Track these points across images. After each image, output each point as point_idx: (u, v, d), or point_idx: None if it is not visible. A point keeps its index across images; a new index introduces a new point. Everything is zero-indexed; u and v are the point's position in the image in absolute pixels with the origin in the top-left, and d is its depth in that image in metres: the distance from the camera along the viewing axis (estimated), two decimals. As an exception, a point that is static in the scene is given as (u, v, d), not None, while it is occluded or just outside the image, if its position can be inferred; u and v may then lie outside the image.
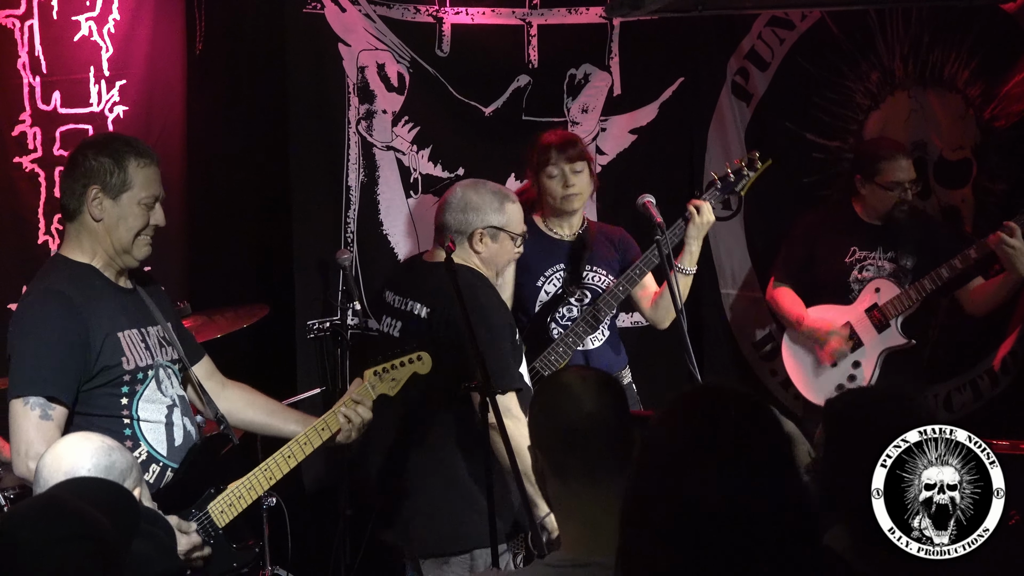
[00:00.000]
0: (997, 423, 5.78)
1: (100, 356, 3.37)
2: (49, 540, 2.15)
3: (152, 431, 3.47)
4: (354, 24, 5.27)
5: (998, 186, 6.18)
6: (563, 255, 4.71)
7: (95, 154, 3.43)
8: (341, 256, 5.10)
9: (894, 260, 5.24)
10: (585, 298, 4.70)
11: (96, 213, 3.41)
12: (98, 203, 3.41)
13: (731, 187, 4.77)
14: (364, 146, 5.33)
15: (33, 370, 3.30)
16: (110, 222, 3.42)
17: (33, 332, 3.34)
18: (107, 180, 3.40)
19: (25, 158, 4.77)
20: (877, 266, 5.25)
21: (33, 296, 3.43)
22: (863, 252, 5.27)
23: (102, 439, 2.96)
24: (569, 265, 4.69)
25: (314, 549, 5.10)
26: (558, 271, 4.70)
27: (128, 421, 3.43)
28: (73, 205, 3.44)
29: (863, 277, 5.25)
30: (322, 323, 5.06)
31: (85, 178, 3.41)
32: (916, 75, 6.11)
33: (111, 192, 3.41)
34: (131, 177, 3.42)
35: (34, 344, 3.33)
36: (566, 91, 5.62)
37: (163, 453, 3.48)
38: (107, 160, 3.42)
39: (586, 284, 4.71)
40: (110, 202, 3.41)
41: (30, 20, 4.71)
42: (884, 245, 5.26)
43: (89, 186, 3.40)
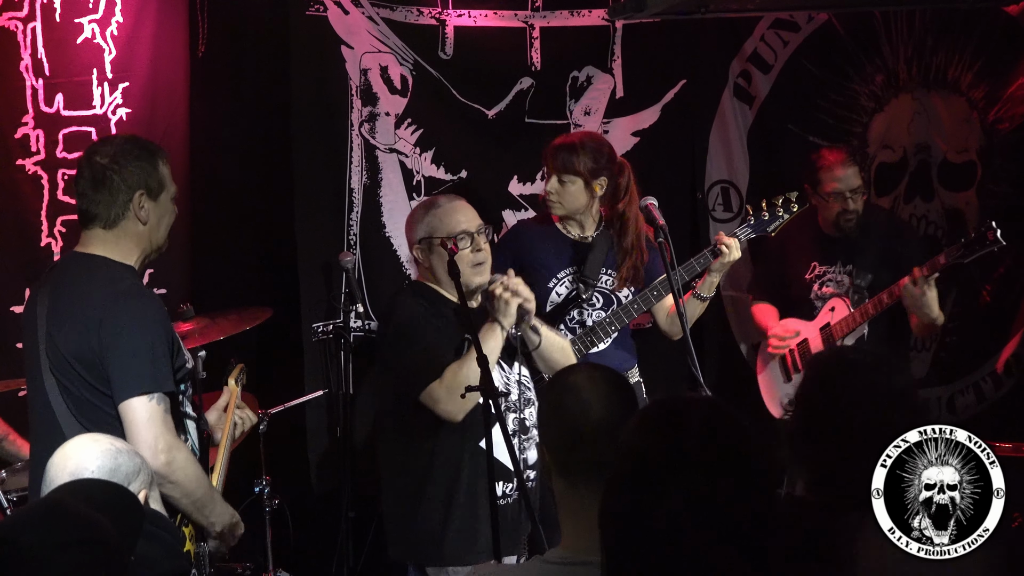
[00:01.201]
0: (1000, 426, 5.77)
1: (176, 355, 3.44)
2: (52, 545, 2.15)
3: (191, 426, 3.55)
4: (357, 26, 5.28)
5: (1002, 188, 6.18)
6: (577, 257, 4.65)
7: (128, 160, 3.45)
8: (344, 258, 5.10)
9: (852, 275, 5.19)
10: (597, 302, 4.66)
11: (143, 217, 3.44)
12: (144, 208, 3.44)
13: (764, 226, 4.71)
14: (367, 148, 5.34)
15: (152, 367, 3.31)
16: (153, 223, 3.47)
17: (142, 331, 3.34)
18: (149, 183, 3.45)
19: (28, 160, 4.77)
20: (836, 281, 5.18)
21: (125, 295, 3.38)
22: (823, 267, 5.21)
23: (111, 441, 2.97)
24: (583, 267, 4.62)
25: (317, 551, 5.10)
26: (569, 273, 4.64)
27: (182, 418, 3.50)
28: (114, 213, 3.44)
29: (823, 293, 5.19)
30: (325, 326, 5.06)
31: (127, 185, 3.43)
32: (920, 78, 6.11)
33: (153, 194, 3.46)
34: (163, 176, 3.48)
35: (148, 342, 3.32)
36: (569, 93, 5.62)
37: (198, 446, 3.55)
38: (145, 164, 3.46)
39: (598, 287, 4.64)
40: (152, 204, 3.46)
41: (33, 22, 4.71)
42: (843, 258, 5.18)
43: (134, 192, 3.43)
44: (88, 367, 3.32)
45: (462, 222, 3.98)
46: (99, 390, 3.33)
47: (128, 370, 3.29)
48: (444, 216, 3.99)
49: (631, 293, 4.64)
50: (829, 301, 5.16)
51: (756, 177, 5.96)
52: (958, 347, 6.05)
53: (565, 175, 4.54)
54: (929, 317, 4.88)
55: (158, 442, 3.25)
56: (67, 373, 3.36)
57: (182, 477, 3.27)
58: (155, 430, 3.25)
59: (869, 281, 5.09)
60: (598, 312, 4.63)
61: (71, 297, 3.42)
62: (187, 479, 3.29)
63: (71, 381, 3.36)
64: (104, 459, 2.88)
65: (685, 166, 5.87)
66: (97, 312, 3.33)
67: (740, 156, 5.93)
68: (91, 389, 3.34)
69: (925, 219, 6.20)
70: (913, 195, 6.20)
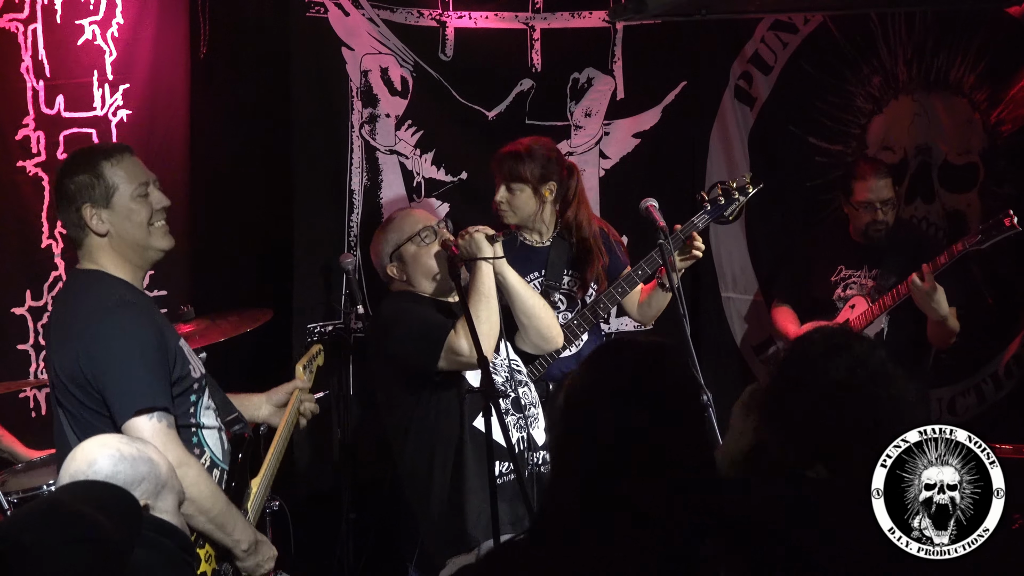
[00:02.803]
0: (1001, 427, 5.77)
1: (176, 366, 3.35)
2: (52, 543, 2.16)
3: (211, 436, 3.47)
4: (357, 28, 5.28)
5: (1005, 190, 6.18)
6: (540, 261, 4.65)
7: (70, 177, 3.37)
8: (344, 260, 5.10)
9: (876, 279, 5.22)
10: (561, 304, 4.65)
11: (100, 229, 3.35)
12: (96, 219, 3.34)
13: (720, 210, 4.70)
14: (367, 150, 5.34)
15: (147, 384, 3.23)
16: (116, 229, 3.36)
17: (129, 346, 3.25)
18: (92, 194, 3.34)
19: (29, 162, 4.77)
20: (860, 284, 5.25)
21: (109, 311, 3.29)
22: (849, 271, 5.28)
23: (119, 447, 2.88)
24: (546, 271, 4.63)
25: (317, 552, 5.10)
26: (535, 279, 4.63)
27: (195, 430, 3.42)
28: (77, 233, 3.38)
29: (846, 295, 5.26)
30: (324, 326, 5.06)
31: (73, 202, 3.35)
32: (921, 79, 6.11)
33: (101, 202, 3.35)
34: (110, 179, 3.35)
35: (137, 358, 3.24)
36: (569, 95, 5.62)
37: (220, 457, 3.49)
38: (83, 176, 3.35)
39: (562, 289, 4.65)
40: (106, 212, 3.35)
41: (33, 24, 4.71)
42: (869, 264, 5.25)
43: (81, 207, 3.34)
44: (82, 389, 3.26)
45: (420, 220, 4.17)
46: (97, 412, 3.26)
47: (121, 390, 3.22)
48: (402, 223, 4.18)
49: (594, 292, 4.67)
50: (851, 300, 5.22)
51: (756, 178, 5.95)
52: (960, 349, 6.04)
53: (513, 183, 4.56)
54: (938, 314, 4.91)
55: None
56: (65, 395, 3.30)
57: (195, 494, 3.19)
58: (160, 448, 3.11)
59: (893, 283, 5.12)
60: (563, 314, 4.63)
61: (63, 317, 3.38)
62: (200, 496, 3.22)
63: (70, 403, 3.30)
64: (102, 464, 2.86)
65: (686, 167, 5.86)
66: (82, 332, 3.26)
67: (741, 157, 5.93)
68: (90, 411, 3.27)
69: (926, 220, 6.21)
70: (914, 196, 6.21)
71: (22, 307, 4.79)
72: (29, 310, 4.80)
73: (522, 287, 4.19)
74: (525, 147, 4.59)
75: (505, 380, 4.08)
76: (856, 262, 5.26)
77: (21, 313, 4.79)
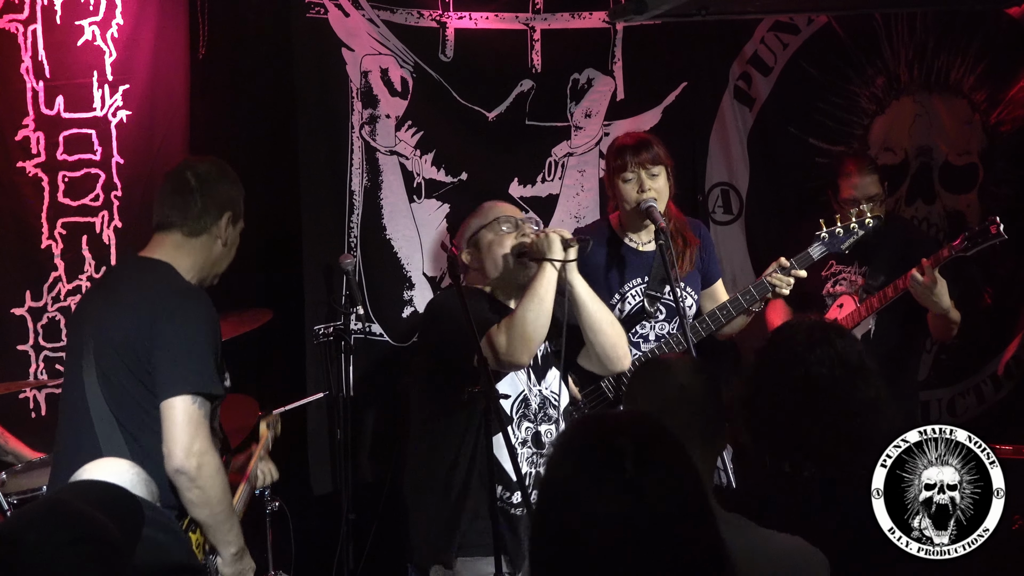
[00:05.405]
0: (1001, 428, 5.76)
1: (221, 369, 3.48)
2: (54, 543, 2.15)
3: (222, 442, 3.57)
4: (357, 29, 5.28)
5: (1004, 191, 6.17)
6: (644, 267, 4.61)
7: (231, 182, 3.60)
8: (344, 261, 5.09)
9: (865, 276, 5.21)
10: (660, 314, 4.59)
11: (227, 238, 3.55)
12: (230, 229, 3.56)
13: (838, 244, 4.67)
14: (367, 151, 5.33)
15: (200, 368, 3.32)
16: (230, 248, 3.60)
17: (199, 330, 3.37)
18: (237, 209, 3.59)
19: (28, 163, 4.78)
20: (850, 280, 5.22)
21: (187, 293, 3.44)
22: (839, 266, 5.24)
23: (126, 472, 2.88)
24: (649, 278, 4.59)
25: (317, 553, 5.10)
26: (636, 286, 4.59)
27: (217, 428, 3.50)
28: (200, 225, 3.51)
29: (835, 291, 5.23)
30: (326, 328, 5.06)
31: (224, 203, 3.54)
32: (921, 80, 6.11)
33: (236, 220, 3.59)
34: (242, 209, 3.61)
35: (202, 342, 3.35)
36: (569, 96, 5.62)
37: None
38: (237, 189, 3.61)
39: (664, 299, 4.57)
40: (233, 230, 3.59)
41: (33, 24, 4.72)
42: (859, 259, 5.20)
43: (224, 212, 3.53)
44: (135, 356, 3.32)
45: (503, 210, 4.13)
46: (140, 381, 3.32)
47: (176, 368, 3.30)
48: (486, 211, 4.15)
49: (686, 283, 4.60)
50: (839, 298, 5.19)
51: (756, 179, 5.96)
52: (959, 349, 6.04)
53: (654, 166, 4.54)
54: (940, 308, 4.88)
55: (193, 444, 3.24)
56: (111, 360, 3.35)
57: (209, 484, 3.25)
58: (191, 431, 3.24)
59: (881, 282, 5.10)
60: (661, 324, 4.60)
61: (129, 290, 3.43)
62: (213, 488, 3.27)
63: (113, 370, 3.35)
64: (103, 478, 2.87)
65: (686, 168, 5.85)
66: (155, 305, 3.36)
67: (740, 158, 5.93)
68: (132, 379, 3.33)
69: (927, 221, 6.20)
70: (914, 197, 6.20)
71: (22, 307, 4.79)
72: (29, 310, 4.80)
73: (590, 298, 3.98)
74: (644, 134, 4.69)
75: (536, 410, 3.98)
76: (847, 257, 5.23)
77: (21, 313, 4.80)
